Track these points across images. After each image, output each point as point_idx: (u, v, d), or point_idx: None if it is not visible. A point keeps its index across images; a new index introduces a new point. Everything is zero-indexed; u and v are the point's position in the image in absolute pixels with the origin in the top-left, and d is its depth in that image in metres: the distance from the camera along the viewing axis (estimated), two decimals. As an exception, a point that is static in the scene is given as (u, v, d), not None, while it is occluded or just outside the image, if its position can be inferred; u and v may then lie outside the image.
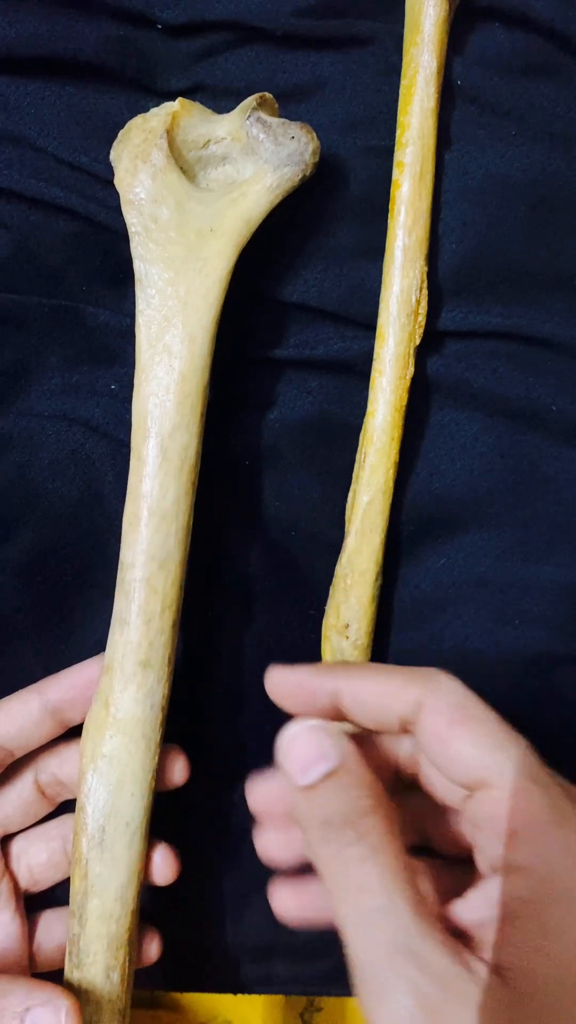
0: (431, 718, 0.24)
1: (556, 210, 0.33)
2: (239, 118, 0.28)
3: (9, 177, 0.32)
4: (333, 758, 0.23)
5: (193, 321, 0.28)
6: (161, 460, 0.28)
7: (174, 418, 0.28)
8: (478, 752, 0.23)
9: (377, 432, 0.32)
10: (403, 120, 0.31)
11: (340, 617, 0.32)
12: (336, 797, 0.23)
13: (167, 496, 0.28)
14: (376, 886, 0.22)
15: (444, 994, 0.20)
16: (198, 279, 0.28)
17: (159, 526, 0.28)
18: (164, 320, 0.28)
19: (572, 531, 0.34)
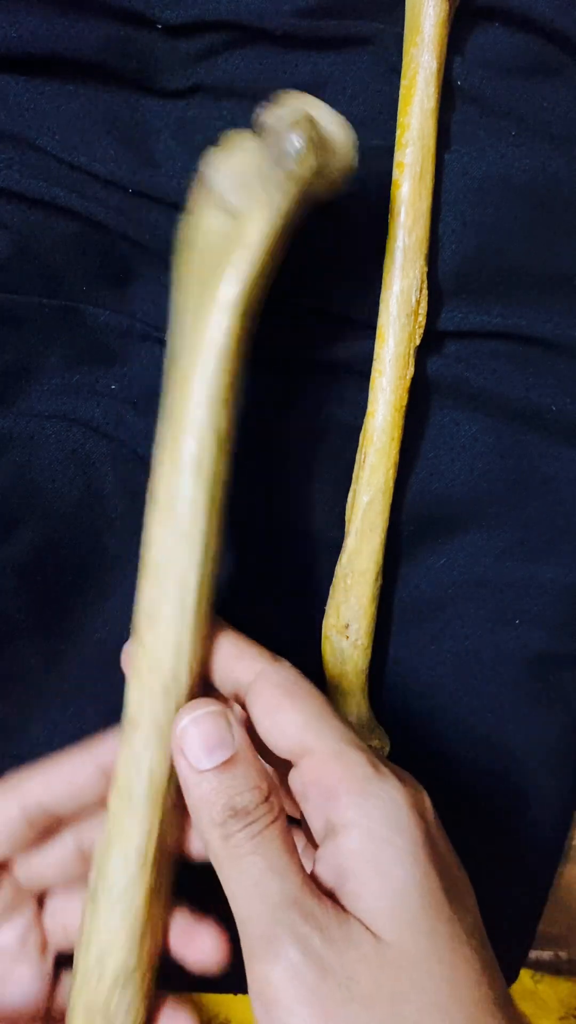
0: (263, 689, 0.26)
1: (556, 210, 0.33)
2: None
3: (9, 177, 0.32)
4: (229, 746, 0.25)
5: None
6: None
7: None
8: (302, 721, 0.25)
9: (377, 432, 0.32)
10: (403, 120, 0.31)
11: (340, 617, 0.32)
12: (235, 783, 0.24)
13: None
14: (266, 853, 0.23)
15: (327, 944, 0.22)
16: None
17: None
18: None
19: (572, 531, 0.34)
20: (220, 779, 0.24)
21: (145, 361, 0.34)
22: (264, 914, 0.23)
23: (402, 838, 0.23)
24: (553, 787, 0.34)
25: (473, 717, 0.34)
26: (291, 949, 0.22)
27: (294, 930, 0.22)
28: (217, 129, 0.32)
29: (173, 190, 0.32)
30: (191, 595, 0.26)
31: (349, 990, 0.21)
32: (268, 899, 0.23)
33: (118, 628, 0.34)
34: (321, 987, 0.22)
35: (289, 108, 0.26)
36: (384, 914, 0.22)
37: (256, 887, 0.23)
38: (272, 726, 0.25)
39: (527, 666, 0.34)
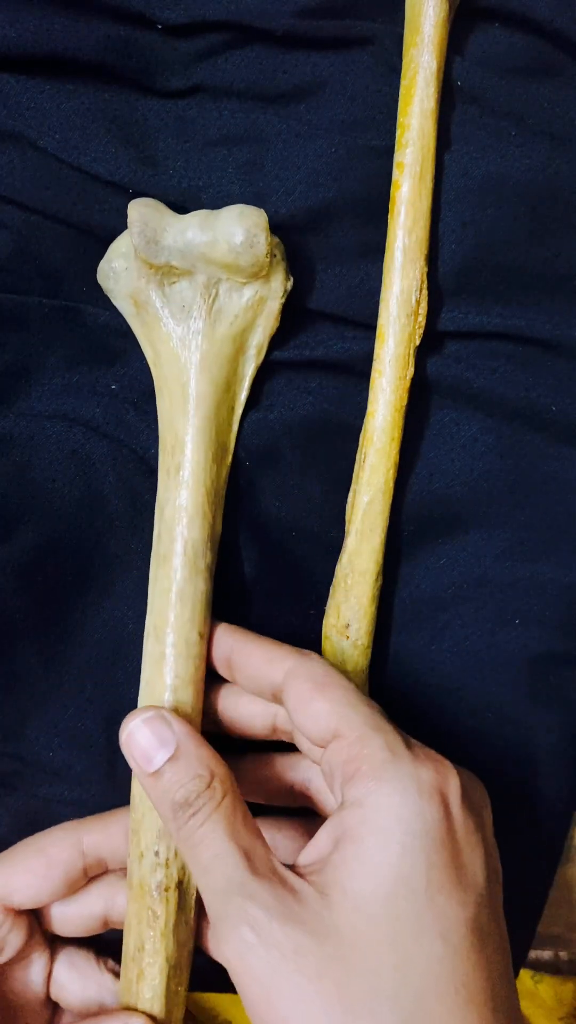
0: (296, 684, 0.27)
1: (556, 210, 0.33)
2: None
3: (9, 178, 0.32)
4: (171, 743, 0.27)
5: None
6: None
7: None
8: (332, 710, 0.26)
9: (377, 432, 0.32)
10: (403, 120, 0.31)
11: (340, 617, 0.32)
12: (177, 777, 0.26)
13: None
14: (212, 840, 0.25)
15: (276, 921, 0.23)
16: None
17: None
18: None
19: (572, 531, 0.34)
20: (167, 775, 0.26)
21: (145, 361, 0.34)
22: (215, 898, 0.24)
23: (399, 826, 0.23)
24: (553, 787, 0.34)
25: (473, 717, 0.34)
26: (238, 930, 0.23)
27: (241, 912, 0.23)
28: (217, 129, 0.32)
29: (173, 190, 0.32)
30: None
31: (296, 963, 0.22)
32: (216, 884, 0.24)
33: (118, 628, 0.34)
34: (268, 963, 0.23)
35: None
36: (353, 895, 0.23)
37: (206, 873, 0.25)
38: (305, 718, 0.27)
39: (527, 666, 0.34)
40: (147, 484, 0.34)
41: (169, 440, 0.30)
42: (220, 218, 0.29)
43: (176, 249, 0.29)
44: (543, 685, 0.34)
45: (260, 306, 0.30)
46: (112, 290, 0.31)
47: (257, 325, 0.31)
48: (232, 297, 0.30)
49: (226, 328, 0.30)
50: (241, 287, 0.30)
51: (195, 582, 0.30)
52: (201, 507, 0.30)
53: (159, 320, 0.30)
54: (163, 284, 0.30)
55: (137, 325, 0.31)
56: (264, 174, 0.32)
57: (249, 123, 0.32)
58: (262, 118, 0.32)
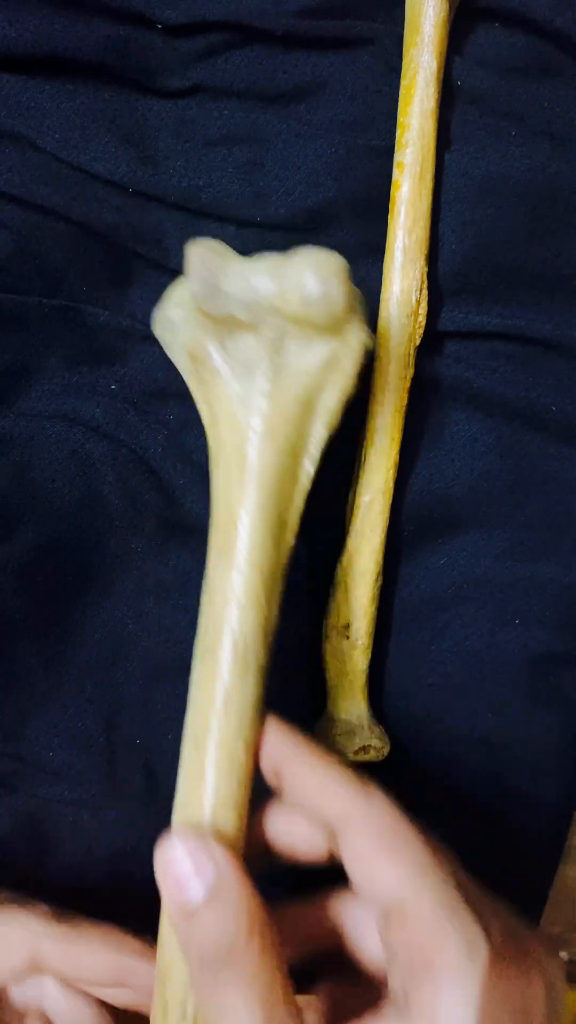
0: (356, 838, 0.23)
1: (556, 210, 0.33)
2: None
3: (9, 177, 0.32)
4: (211, 878, 0.23)
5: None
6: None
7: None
8: (400, 876, 0.22)
9: (377, 432, 0.32)
10: (403, 120, 0.31)
11: (340, 617, 0.32)
12: (214, 926, 0.22)
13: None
14: (241, 1008, 0.21)
15: None
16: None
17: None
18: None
19: (572, 531, 0.34)
20: (201, 918, 0.22)
21: (145, 361, 0.34)
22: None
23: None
24: (553, 787, 0.34)
25: (473, 717, 0.34)
26: None
27: None
28: (217, 129, 0.32)
29: (173, 190, 0.32)
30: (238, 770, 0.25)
31: None
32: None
33: (118, 628, 0.34)
34: None
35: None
36: None
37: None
38: (365, 879, 0.23)
39: (527, 666, 0.34)
40: (147, 484, 0.34)
41: (222, 515, 0.26)
42: (291, 264, 0.24)
43: (240, 299, 0.25)
44: (543, 685, 0.34)
45: (334, 364, 0.26)
46: (168, 342, 0.27)
47: (330, 385, 0.26)
48: (302, 354, 0.26)
49: (294, 389, 0.26)
50: (313, 343, 0.26)
51: (245, 684, 0.25)
52: (256, 596, 0.25)
53: (218, 378, 0.26)
54: (224, 338, 0.26)
55: (193, 382, 0.27)
56: (264, 174, 0.32)
57: (249, 123, 0.32)
58: (262, 118, 0.32)
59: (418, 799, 0.34)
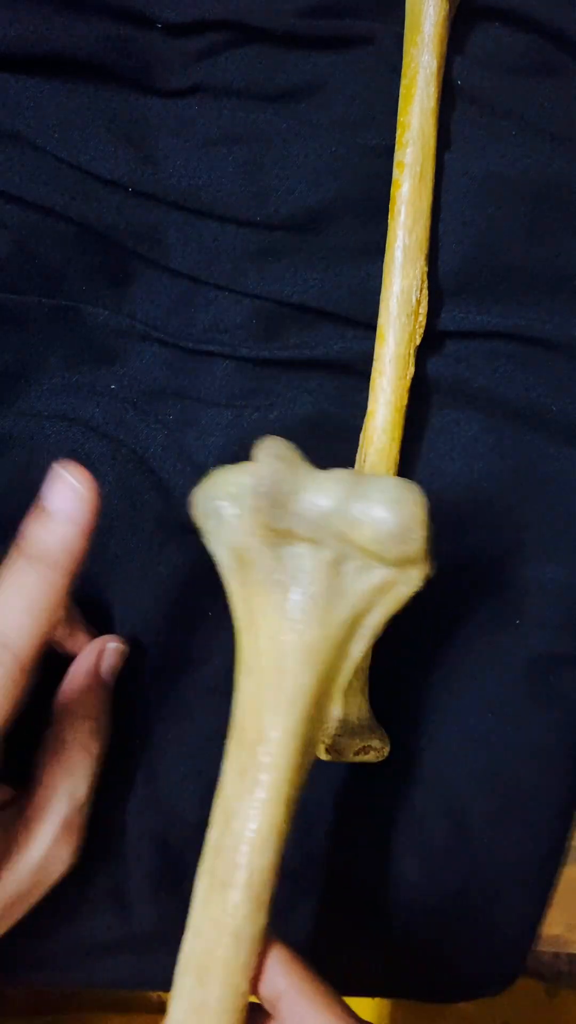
0: None
1: (556, 210, 0.33)
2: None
3: (9, 177, 0.32)
4: None
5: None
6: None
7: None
8: None
9: (377, 432, 0.32)
10: (403, 120, 0.31)
11: (340, 617, 0.32)
12: None
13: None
14: None
15: None
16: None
17: None
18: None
19: (572, 531, 0.34)
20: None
21: (145, 361, 0.34)
22: None
23: None
24: (553, 787, 0.34)
25: (473, 717, 0.34)
26: None
27: None
28: (217, 128, 0.32)
29: (173, 189, 0.32)
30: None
31: None
32: None
33: (117, 628, 0.34)
34: None
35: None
36: None
37: None
38: None
39: (527, 666, 0.34)
40: (147, 484, 0.34)
41: (250, 732, 0.24)
42: (370, 495, 0.22)
43: (307, 518, 0.23)
44: (543, 685, 0.34)
45: (389, 588, 0.24)
46: (211, 533, 0.25)
47: (379, 606, 0.24)
48: (360, 577, 0.24)
49: (344, 612, 0.24)
50: (373, 569, 0.23)
51: (256, 919, 0.23)
52: (278, 828, 0.23)
53: (264, 587, 0.24)
54: (279, 545, 0.24)
55: (234, 582, 0.25)
56: (264, 173, 0.32)
57: (249, 122, 0.32)
58: (262, 117, 0.32)
59: (418, 799, 0.34)
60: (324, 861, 0.34)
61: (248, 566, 0.24)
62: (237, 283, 0.33)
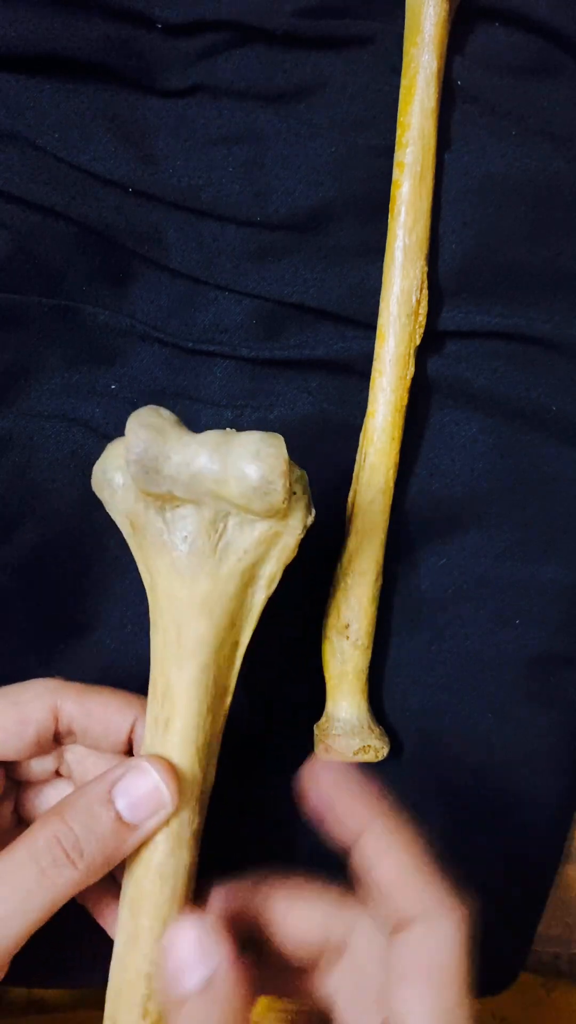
0: (407, 965, 0.23)
1: (556, 210, 0.33)
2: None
3: (9, 177, 0.32)
4: (210, 969, 0.23)
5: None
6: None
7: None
8: (421, 1015, 0.23)
9: (377, 432, 0.32)
10: (403, 120, 0.31)
11: (340, 617, 0.32)
12: (202, 1014, 0.23)
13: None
14: None
15: None
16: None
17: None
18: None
19: (572, 531, 0.34)
20: (193, 1006, 0.23)
21: (145, 361, 0.34)
22: None
23: None
24: (553, 787, 0.34)
25: (473, 717, 0.34)
26: None
27: None
28: (217, 128, 0.32)
29: (173, 189, 0.32)
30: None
31: None
32: None
33: (117, 628, 0.34)
34: None
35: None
36: None
37: None
38: (385, 893, 0.24)
39: (527, 666, 0.34)
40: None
41: (160, 685, 0.26)
42: (232, 452, 0.24)
43: (180, 480, 0.24)
44: (543, 685, 0.34)
45: (275, 540, 0.26)
46: (108, 503, 0.27)
47: (270, 557, 0.26)
48: (243, 531, 0.26)
49: (234, 564, 0.26)
50: (254, 522, 0.26)
51: (179, 856, 0.25)
52: (191, 769, 0.26)
53: (158, 548, 0.26)
54: (165, 509, 0.25)
55: (134, 547, 0.27)
56: (264, 173, 0.32)
57: (249, 122, 0.32)
58: (262, 117, 0.32)
59: (418, 799, 0.34)
60: (324, 861, 0.34)
61: (141, 530, 0.26)
62: (237, 283, 0.33)
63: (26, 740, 0.28)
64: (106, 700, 0.28)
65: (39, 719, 0.28)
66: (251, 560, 0.26)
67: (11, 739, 0.28)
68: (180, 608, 0.26)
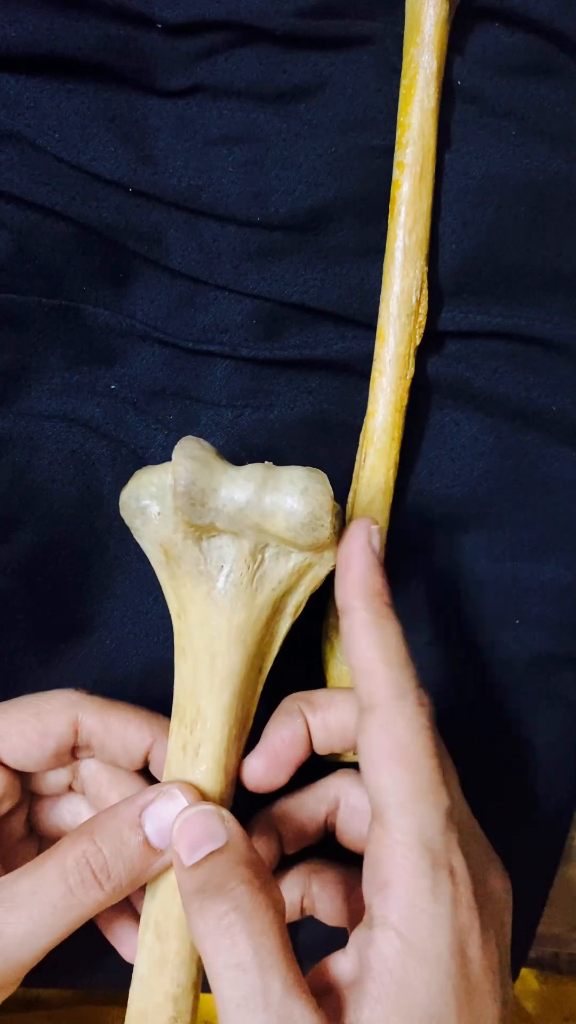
0: (375, 735, 0.24)
1: (556, 210, 0.33)
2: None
3: (9, 177, 0.32)
4: (221, 838, 0.24)
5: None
6: None
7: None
8: (394, 792, 0.24)
9: (377, 432, 0.32)
10: (403, 120, 0.31)
11: (340, 617, 0.32)
12: (215, 870, 0.23)
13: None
14: (244, 945, 0.22)
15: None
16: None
17: None
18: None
19: (572, 531, 0.34)
20: (209, 865, 0.24)
21: (145, 361, 0.34)
22: (234, 1012, 0.22)
23: (424, 981, 0.22)
24: (553, 787, 0.34)
25: (473, 717, 0.34)
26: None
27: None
28: (217, 128, 0.32)
29: (173, 189, 0.32)
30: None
31: None
32: (236, 995, 0.22)
33: (117, 628, 0.34)
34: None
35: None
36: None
37: (226, 982, 0.22)
38: (369, 779, 0.24)
39: (527, 666, 0.34)
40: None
41: (189, 711, 0.26)
42: (280, 488, 0.24)
43: (225, 513, 0.25)
44: (543, 685, 0.34)
45: (307, 570, 0.27)
46: (139, 530, 0.27)
47: (300, 586, 0.27)
48: (279, 562, 0.26)
49: (267, 594, 0.26)
50: (291, 554, 0.26)
51: None
52: (219, 795, 0.26)
53: (191, 578, 0.26)
54: (201, 538, 0.26)
55: (163, 574, 0.27)
56: (264, 173, 0.32)
57: (249, 122, 0.32)
58: (262, 117, 0.32)
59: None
60: (324, 857, 0.34)
61: (175, 560, 0.26)
62: (237, 283, 0.33)
63: (46, 752, 0.28)
64: (126, 717, 0.28)
65: (60, 731, 0.28)
66: (283, 590, 0.26)
67: (32, 750, 0.28)
68: (215, 637, 0.26)
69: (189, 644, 0.27)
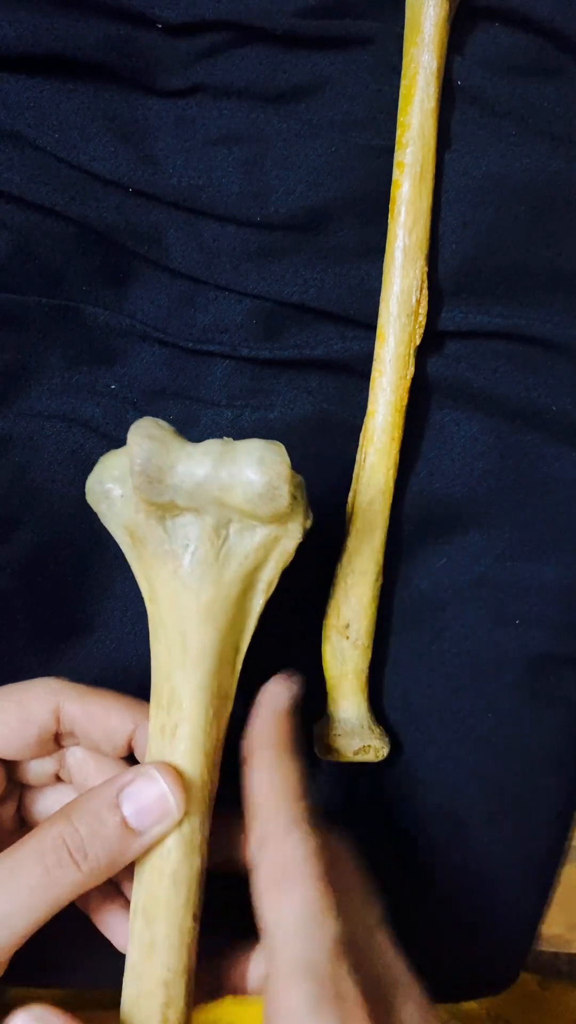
0: (261, 879, 0.24)
1: (556, 210, 0.33)
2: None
3: (9, 177, 0.32)
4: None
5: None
6: None
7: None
8: (280, 921, 0.23)
9: (377, 432, 0.32)
10: (403, 120, 0.31)
11: (340, 617, 0.32)
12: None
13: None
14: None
15: None
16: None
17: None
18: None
19: (572, 531, 0.34)
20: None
21: (145, 361, 0.34)
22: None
23: None
24: (553, 787, 0.34)
25: (473, 717, 0.34)
26: None
27: None
28: (217, 128, 0.32)
29: (173, 189, 0.32)
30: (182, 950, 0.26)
31: None
32: None
33: (117, 628, 0.34)
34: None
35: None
36: None
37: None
38: (262, 905, 0.24)
39: (527, 666, 0.34)
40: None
41: (164, 693, 0.26)
42: (236, 460, 0.24)
43: (184, 489, 0.24)
44: (543, 685, 0.34)
45: (274, 544, 0.26)
46: (105, 515, 0.26)
47: (269, 562, 0.27)
48: (244, 537, 0.26)
49: (235, 570, 0.26)
50: (255, 528, 0.26)
51: (191, 862, 0.26)
52: (200, 775, 0.26)
53: (158, 558, 0.26)
54: (165, 518, 0.26)
55: (132, 558, 0.27)
56: (264, 173, 0.32)
57: (249, 122, 0.32)
58: (262, 117, 0.32)
59: (418, 799, 0.34)
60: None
61: (141, 541, 0.26)
62: (237, 283, 0.33)
63: (28, 740, 0.28)
64: (107, 703, 0.28)
65: (41, 719, 0.28)
66: (252, 565, 0.26)
67: (14, 738, 0.28)
68: (184, 616, 0.26)
69: (161, 625, 0.27)
